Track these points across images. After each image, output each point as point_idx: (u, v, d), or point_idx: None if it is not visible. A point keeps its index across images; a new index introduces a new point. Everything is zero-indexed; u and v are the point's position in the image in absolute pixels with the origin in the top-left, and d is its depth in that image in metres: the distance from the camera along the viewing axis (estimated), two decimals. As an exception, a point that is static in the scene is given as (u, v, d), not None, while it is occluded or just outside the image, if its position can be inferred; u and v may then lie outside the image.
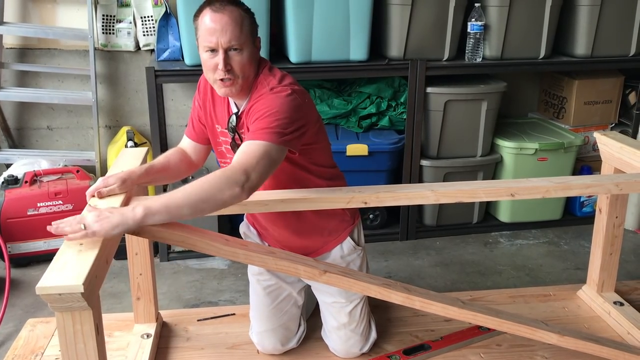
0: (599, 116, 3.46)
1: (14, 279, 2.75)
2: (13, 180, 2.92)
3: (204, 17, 1.63)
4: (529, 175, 3.09)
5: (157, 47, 3.03)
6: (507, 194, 1.70)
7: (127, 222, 1.34)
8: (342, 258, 1.95)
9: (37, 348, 2.00)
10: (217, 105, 1.79)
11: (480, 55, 3.02)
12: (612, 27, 3.10)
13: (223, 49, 1.61)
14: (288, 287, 1.99)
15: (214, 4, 1.63)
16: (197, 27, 1.66)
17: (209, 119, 1.83)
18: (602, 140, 2.15)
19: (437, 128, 3.08)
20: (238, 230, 3.07)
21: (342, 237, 1.93)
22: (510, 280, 2.84)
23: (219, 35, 1.60)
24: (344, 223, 1.94)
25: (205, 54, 1.64)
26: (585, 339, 1.85)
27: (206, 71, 1.68)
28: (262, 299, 2.00)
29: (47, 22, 3.22)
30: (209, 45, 1.62)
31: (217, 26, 1.60)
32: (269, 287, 1.99)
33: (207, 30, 1.61)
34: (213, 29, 1.60)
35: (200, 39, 1.65)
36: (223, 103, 1.78)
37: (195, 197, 1.40)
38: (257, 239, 2.02)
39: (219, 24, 1.60)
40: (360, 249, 1.98)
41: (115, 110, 3.39)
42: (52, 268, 1.20)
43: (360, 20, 2.83)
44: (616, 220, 2.18)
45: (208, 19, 1.61)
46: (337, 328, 1.99)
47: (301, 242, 1.92)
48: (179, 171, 1.85)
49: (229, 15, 1.61)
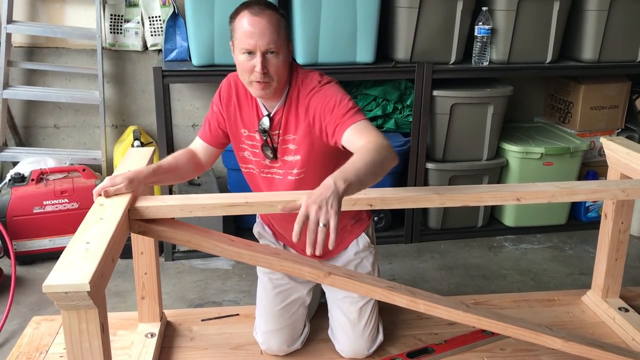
0: (605, 121, 3.46)
1: (19, 277, 2.76)
2: (19, 178, 2.93)
3: (242, 19, 1.64)
4: (534, 179, 3.08)
5: (164, 47, 3.03)
6: (512, 199, 1.70)
7: (339, 195, 1.33)
8: (356, 254, 1.99)
9: (42, 346, 2.00)
10: (243, 110, 1.81)
11: (487, 59, 3.02)
12: (619, 33, 3.10)
13: (261, 52, 1.63)
14: (299, 287, 2.00)
15: (253, 7, 1.64)
16: (233, 29, 1.68)
17: (233, 123, 1.84)
18: (608, 145, 2.15)
19: (443, 131, 3.08)
20: (243, 230, 3.10)
21: (358, 233, 2.00)
22: (514, 284, 2.83)
23: (257, 38, 1.62)
24: (361, 221, 2.00)
25: (242, 56, 1.66)
26: (589, 344, 1.85)
27: (241, 73, 1.70)
28: (271, 298, 2.00)
29: (56, 21, 3.24)
30: (247, 47, 1.64)
31: (256, 29, 1.62)
32: (280, 287, 1.99)
33: (245, 32, 1.63)
34: (252, 32, 1.62)
35: (237, 41, 1.66)
36: (251, 107, 1.79)
37: (374, 166, 1.44)
38: (272, 239, 2.05)
39: (258, 27, 1.62)
40: (373, 247, 2.04)
41: (121, 109, 3.40)
42: (58, 266, 1.20)
43: (367, 22, 2.83)
44: (622, 225, 2.18)
45: (247, 22, 1.63)
46: (346, 325, 1.98)
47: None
48: (187, 172, 1.85)
49: (268, 19, 1.63)
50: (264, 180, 1.87)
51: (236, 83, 1.83)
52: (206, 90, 3.42)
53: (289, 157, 1.80)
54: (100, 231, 1.35)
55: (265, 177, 1.87)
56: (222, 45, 2.77)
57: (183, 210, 1.55)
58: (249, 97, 1.81)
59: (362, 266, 2.02)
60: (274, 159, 1.82)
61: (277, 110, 1.77)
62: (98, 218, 1.42)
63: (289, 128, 1.77)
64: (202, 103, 3.43)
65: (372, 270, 2.04)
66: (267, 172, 1.86)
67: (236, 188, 3.09)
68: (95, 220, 1.41)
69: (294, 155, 1.80)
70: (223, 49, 2.77)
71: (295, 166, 1.80)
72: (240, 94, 1.81)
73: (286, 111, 1.76)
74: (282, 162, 1.82)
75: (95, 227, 1.37)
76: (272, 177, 1.85)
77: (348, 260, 2.01)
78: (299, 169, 1.80)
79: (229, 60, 2.78)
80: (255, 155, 1.85)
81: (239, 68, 1.70)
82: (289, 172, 1.82)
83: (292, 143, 1.78)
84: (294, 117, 1.76)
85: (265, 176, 1.86)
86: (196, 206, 1.55)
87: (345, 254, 2.01)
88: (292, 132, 1.78)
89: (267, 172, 1.86)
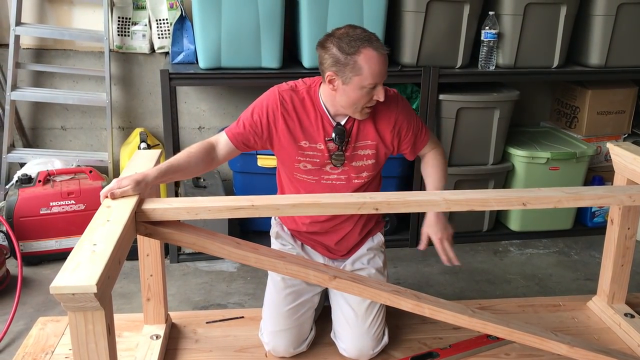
0: (612, 126, 3.45)
1: (26, 277, 2.77)
2: (26, 179, 2.95)
3: (370, 56, 1.73)
4: (540, 184, 3.08)
5: (171, 50, 3.05)
6: (518, 203, 1.69)
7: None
8: (370, 250, 2.09)
9: (48, 346, 2.01)
10: (304, 122, 1.88)
11: (493, 63, 3.02)
12: (626, 38, 3.09)
13: (381, 85, 1.78)
14: (310, 288, 2.02)
15: (375, 43, 1.74)
16: (355, 64, 1.73)
17: (288, 137, 1.88)
18: (615, 151, 2.14)
19: (449, 135, 3.08)
20: (248, 233, 3.11)
21: (374, 233, 2.13)
22: (519, 289, 2.83)
23: (384, 74, 1.77)
24: (379, 223, 2.15)
25: (365, 89, 1.76)
26: (595, 350, 1.84)
27: (354, 102, 1.80)
28: (282, 297, 2.01)
29: (63, 23, 3.26)
30: (375, 82, 1.76)
31: (384, 66, 1.76)
32: (293, 287, 2.01)
33: (376, 69, 1.74)
34: (382, 70, 1.75)
35: (365, 76, 1.74)
36: (317, 120, 1.88)
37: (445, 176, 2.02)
38: (290, 239, 2.10)
39: (385, 64, 1.77)
40: (384, 249, 2.16)
41: (128, 111, 3.42)
42: (65, 268, 1.21)
43: (374, 26, 2.82)
44: (628, 231, 2.17)
45: (376, 59, 1.73)
46: (352, 320, 1.98)
47: (339, 243, 2.07)
48: (198, 170, 1.85)
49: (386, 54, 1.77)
50: (325, 186, 1.95)
51: (290, 99, 1.88)
52: (213, 93, 3.43)
53: (360, 162, 1.93)
54: (107, 233, 1.36)
55: (326, 183, 1.95)
56: (229, 48, 2.77)
57: (189, 213, 1.56)
58: (314, 110, 1.88)
59: (374, 262, 2.09)
60: (338, 166, 1.92)
61: (348, 120, 1.89)
62: (105, 220, 1.43)
63: (363, 135, 1.91)
64: (208, 106, 3.45)
65: (383, 267, 2.10)
66: (327, 179, 1.95)
67: (242, 191, 3.09)
68: (102, 222, 1.42)
69: (365, 160, 1.93)
70: (230, 52, 2.78)
71: (365, 170, 1.94)
72: (298, 108, 1.87)
73: (357, 121, 1.88)
74: (349, 167, 1.93)
75: (102, 229, 1.38)
76: (334, 183, 1.95)
77: (362, 254, 2.09)
78: (369, 172, 1.95)
79: (235, 63, 2.82)
80: (315, 165, 1.92)
81: (355, 98, 1.78)
82: (357, 176, 1.95)
83: (368, 149, 1.92)
84: (370, 126, 1.90)
85: (326, 182, 1.95)
86: (202, 209, 1.56)
87: (360, 250, 2.10)
88: (368, 139, 1.91)
89: (327, 179, 1.95)
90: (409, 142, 1.96)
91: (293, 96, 1.87)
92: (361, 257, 2.09)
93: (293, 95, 1.87)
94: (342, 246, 2.08)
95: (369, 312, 1.99)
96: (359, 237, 2.09)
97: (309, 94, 1.89)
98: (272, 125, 1.87)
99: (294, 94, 1.88)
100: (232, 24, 2.74)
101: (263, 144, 1.91)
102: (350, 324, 1.99)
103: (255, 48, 2.80)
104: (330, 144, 1.89)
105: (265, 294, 2.09)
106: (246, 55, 2.80)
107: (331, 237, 2.05)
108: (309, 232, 2.07)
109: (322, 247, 2.10)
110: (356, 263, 2.08)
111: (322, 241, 2.08)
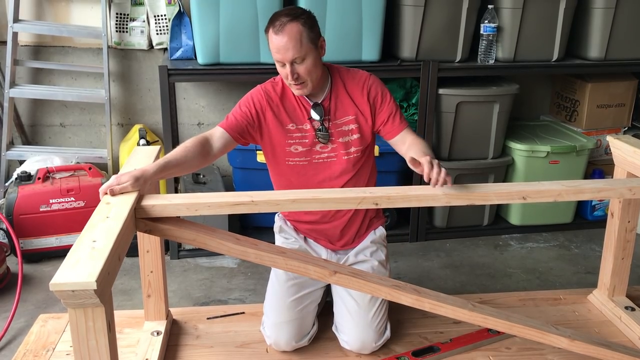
0: (612, 119, 3.44)
1: (26, 275, 2.77)
2: (26, 176, 2.95)
3: (270, 36, 1.84)
4: (540, 178, 3.07)
5: (170, 46, 3.04)
6: (519, 197, 1.69)
7: None
8: (373, 242, 2.12)
9: (49, 343, 2.01)
10: (287, 107, 1.98)
11: (492, 57, 3.01)
12: (626, 30, 3.08)
13: (288, 63, 1.83)
14: (313, 281, 2.01)
15: (275, 24, 1.82)
16: (267, 40, 1.87)
17: (277, 123, 1.96)
18: (615, 144, 2.14)
19: (449, 130, 3.08)
20: (248, 228, 3.10)
21: (377, 226, 2.16)
22: (520, 283, 2.83)
23: (282, 53, 1.82)
24: (380, 217, 2.19)
25: (277, 64, 1.88)
26: (595, 343, 1.84)
27: (281, 76, 1.92)
28: (285, 289, 2.01)
29: (62, 20, 3.25)
30: (277, 60, 1.85)
31: (279, 45, 1.82)
32: (295, 279, 2.01)
33: (273, 48, 1.84)
34: (277, 48, 1.82)
35: (271, 53, 1.86)
36: (297, 102, 1.97)
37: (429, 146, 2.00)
38: (293, 233, 2.13)
39: (281, 44, 1.81)
40: (386, 243, 2.18)
41: (127, 108, 3.41)
42: (65, 265, 1.21)
43: (372, 20, 2.83)
44: (628, 224, 2.17)
45: (273, 39, 1.83)
46: (355, 312, 1.98)
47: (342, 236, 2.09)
48: (195, 165, 1.85)
49: (288, 34, 1.81)
50: (318, 165, 2.00)
51: (272, 88, 1.98)
52: (211, 89, 3.42)
53: (346, 137, 1.98)
54: (106, 229, 1.36)
55: (318, 162, 2.00)
56: (228, 44, 2.77)
57: (189, 209, 1.55)
58: (293, 94, 1.97)
59: (377, 254, 2.11)
60: (326, 143, 1.98)
61: (325, 99, 1.97)
62: (104, 216, 1.43)
63: (342, 111, 1.98)
64: (207, 101, 3.44)
65: (385, 260, 2.12)
66: (318, 158, 2.00)
67: (242, 186, 3.09)
68: (102, 219, 1.41)
69: (351, 135, 1.99)
70: (228, 48, 2.77)
71: (352, 144, 1.99)
72: (281, 95, 1.98)
73: (334, 98, 1.97)
74: (337, 144, 1.98)
75: (102, 226, 1.38)
76: (325, 162, 2.00)
77: (365, 247, 2.11)
78: (356, 147, 1.99)
79: (234, 59, 2.81)
80: (305, 145, 1.98)
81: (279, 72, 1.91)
82: (346, 152, 1.99)
83: (351, 124, 1.98)
84: (347, 99, 1.98)
85: (317, 162, 2.00)
86: (202, 205, 1.56)
87: (363, 243, 2.12)
88: (347, 114, 1.98)
89: (318, 158, 2.00)
90: (385, 114, 1.98)
91: (274, 86, 1.99)
92: (364, 250, 2.10)
93: (274, 85, 2.00)
94: (345, 235, 2.09)
95: (371, 304, 1.99)
96: (361, 225, 2.10)
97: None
98: (260, 114, 1.96)
99: (274, 84, 2.00)
100: (231, 19, 2.73)
101: (254, 134, 1.96)
102: (353, 315, 1.99)
103: (253, 43, 2.79)
104: (314, 122, 1.97)
105: (267, 287, 2.09)
106: (245, 51, 2.80)
107: (333, 226, 2.06)
108: (310, 222, 2.08)
109: (324, 239, 2.10)
110: (359, 255, 2.09)
111: (324, 232, 2.08)
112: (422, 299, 1.70)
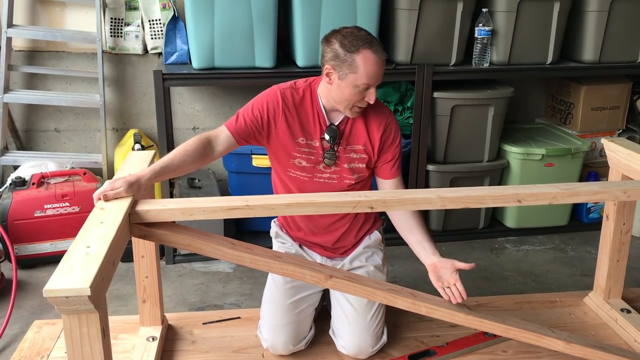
0: (607, 122, 3.45)
1: (20, 281, 2.76)
2: (20, 182, 2.93)
3: (368, 57, 1.77)
4: (535, 180, 3.08)
5: (164, 51, 3.04)
6: (514, 200, 1.69)
7: None
8: (368, 247, 2.09)
9: (43, 350, 2.00)
10: (302, 118, 1.92)
11: (487, 60, 3.01)
12: (620, 33, 3.09)
13: (374, 87, 1.81)
14: (310, 285, 2.00)
15: (376, 47, 1.79)
16: (353, 62, 1.77)
17: (288, 132, 1.90)
18: (609, 146, 2.15)
19: (444, 133, 3.08)
20: (244, 233, 3.10)
21: (371, 231, 2.13)
22: (516, 286, 2.83)
23: (378, 76, 1.80)
24: (375, 222, 2.15)
25: (358, 88, 1.80)
26: (591, 346, 1.84)
27: (347, 98, 1.83)
28: (282, 291, 2.01)
29: (56, 25, 3.24)
30: (369, 83, 1.79)
31: (380, 70, 1.80)
32: (293, 282, 2.00)
33: (371, 71, 1.78)
34: (377, 73, 1.79)
35: (360, 75, 1.78)
36: (314, 117, 1.92)
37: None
38: (289, 238, 2.12)
39: (382, 68, 1.80)
40: (383, 246, 2.14)
41: (122, 113, 3.41)
42: (59, 271, 1.20)
43: (367, 24, 2.81)
44: (623, 227, 2.17)
45: (373, 62, 1.77)
46: (352, 317, 1.98)
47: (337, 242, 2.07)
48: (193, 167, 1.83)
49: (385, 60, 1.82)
50: (317, 184, 1.97)
51: (291, 95, 1.92)
52: (207, 93, 3.42)
53: (352, 164, 1.96)
54: (100, 235, 1.35)
55: (318, 181, 1.97)
56: (223, 48, 2.77)
57: (184, 214, 1.55)
58: (312, 107, 1.92)
59: (373, 259, 2.09)
60: (330, 165, 1.95)
61: (342, 121, 1.93)
62: (98, 222, 1.42)
63: (355, 138, 1.95)
64: (202, 106, 3.44)
65: (382, 265, 2.10)
66: (320, 177, 1.97)
67: (237, 191, 3.09)
68: (96, 224, 1.41)
69: (357, 163, 1.97)
70: (223, 52, 2.77)
71: (357, 172, 1.97)
72: (298, 105, 1.91)
73: (351, 122, 1.93)
74: (341, 167, 1.96)
75: (96, 231, 1.37)
76: (325, 182, 1.97)
77: (359, 253, 2.09)
78: (359, 174, 1.97)
79: (229, 63, 2.81)
80: (309, 162, 1.94)
81: (347, 95, 1.82)
82: (348, 177, 1.96)
83: (360, 152, 1.96)
84: (363, 129, 1.94)
85: (318, 181, 1.97)
86: (197, 209, 1.55)
87: (357, 249, 2.10)
88: (358, 143, 1.95)
89: (320, 177, 1.97)
90: (389, 155, 1.98)
91: (293, 93, 1.92)
92: (359, 256, 2.09)
93: (293, 92, 1.92)
94: (339, 246, 2.08)
95: (368, 308, 1.99)
96: (355, 239, 2.09)
97: (308, 91, 1.93)
98: (272, 121, 1.89)
99: (294, 91, 1.92)
100: (225, 23, 2.73)
101: (260, 140, 1.93)
102: (350, 320, 1.99)
103: (248, 48, 2.79)
104: (324, 142, 1.93)
105: (264, 290, 2.09)
106: (240, 55, 2.80)
107: (327, 238, 2.05)
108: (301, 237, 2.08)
109: (319, 247, 2.09)
110: (354, 261, 2.08)
111: (319, 242, 2.07)
112: (418, 303, 1.70)
